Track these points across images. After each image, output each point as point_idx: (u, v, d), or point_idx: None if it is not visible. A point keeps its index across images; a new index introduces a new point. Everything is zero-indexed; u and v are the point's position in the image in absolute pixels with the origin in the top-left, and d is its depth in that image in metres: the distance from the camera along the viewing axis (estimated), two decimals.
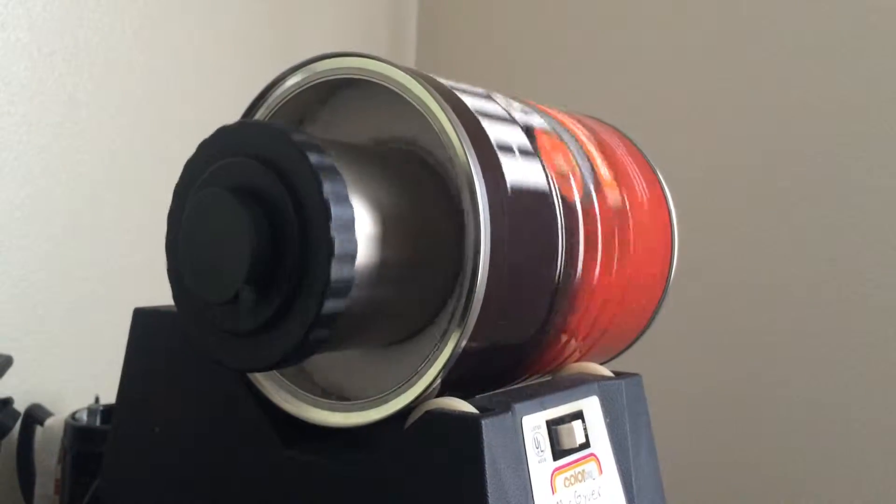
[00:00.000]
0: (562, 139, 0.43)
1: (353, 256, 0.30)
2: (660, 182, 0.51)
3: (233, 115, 0.37)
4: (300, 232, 0.30)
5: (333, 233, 0.29)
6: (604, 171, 0.44)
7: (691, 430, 0.92)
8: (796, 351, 0.89)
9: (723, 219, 0.93)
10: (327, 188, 0.30)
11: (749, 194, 0.92)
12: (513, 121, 0.40)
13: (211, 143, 0.33)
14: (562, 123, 0.44)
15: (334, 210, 0.30)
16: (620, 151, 0.49)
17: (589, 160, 0.44)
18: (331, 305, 0.30)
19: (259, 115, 0.38)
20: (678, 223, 0.51)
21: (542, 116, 0.43)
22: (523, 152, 0.38)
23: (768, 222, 0.91)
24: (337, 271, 0.30)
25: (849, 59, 0.87)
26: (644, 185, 0.49)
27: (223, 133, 0.32)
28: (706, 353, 0.93)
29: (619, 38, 1.01)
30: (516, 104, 0.42)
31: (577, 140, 0.44)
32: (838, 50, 0.87)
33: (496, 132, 0.37)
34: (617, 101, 0.95)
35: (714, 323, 0.93)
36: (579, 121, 0.48)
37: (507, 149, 0.37)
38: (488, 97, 0.40)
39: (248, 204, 0.30)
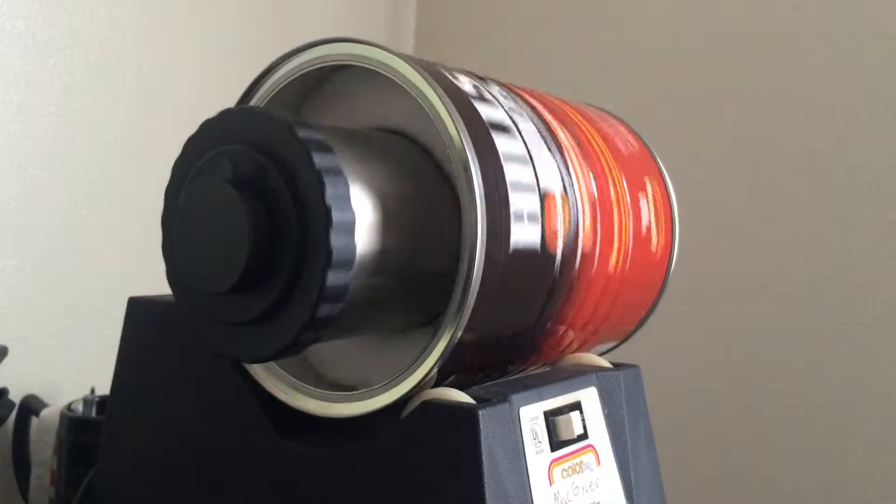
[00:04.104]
0: (573, 147, 0.42)
1: (350, 263, 0.30)
2: (661, 173, 0.51)
3: (231, 105, 0.37)
4: (299, 231, 0.30)
5: (333, 240, 0.29)
6: (605, 161, 0.44)
7: (689, 422, 0.92)
8: (795, 343, 0.88)
9: (723, 211, 0.92)
10: (330, 192, 0.29)
11: (749, 188, 0.91)
12: (512, 111, 0.39)
13: (214, 124, 0.32)
14: (565, 117, 0.44)
15: (335, 216, 0.29)
16: (623, 143, 0.49)
17: (599, 169, 0.43)
18: (325, 310, 0.30)
19: (255, 100, 0.38)
20: (679, 214, 0.51)
21: (544, 108, 0.43)
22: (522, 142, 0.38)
23: (769, 216, 0.90)
24: (333, 279, 0.29)
25: (851, 59, 0.86)
26: (646, 176, 0.48)
27: (228, 116, 0.32)
28: (705, 344, 0.93)
29: (621, 28, 1.01)
30: (517, 95, 0.42)
31: (579, 131, 0.44)
32: (842, 48, 0.87)
33: (494, 119, 0.37)
34: (618, 93, 0.94)
35: (713, 314, 0.93)
36: (582, 112, 0.47)
37: (505, 137, 0.37)
38: (486, 83, 0.40)
39: (249, 196, 0.30)
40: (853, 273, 0.86)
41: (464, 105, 0.35)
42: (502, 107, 0.39)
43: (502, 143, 0.36)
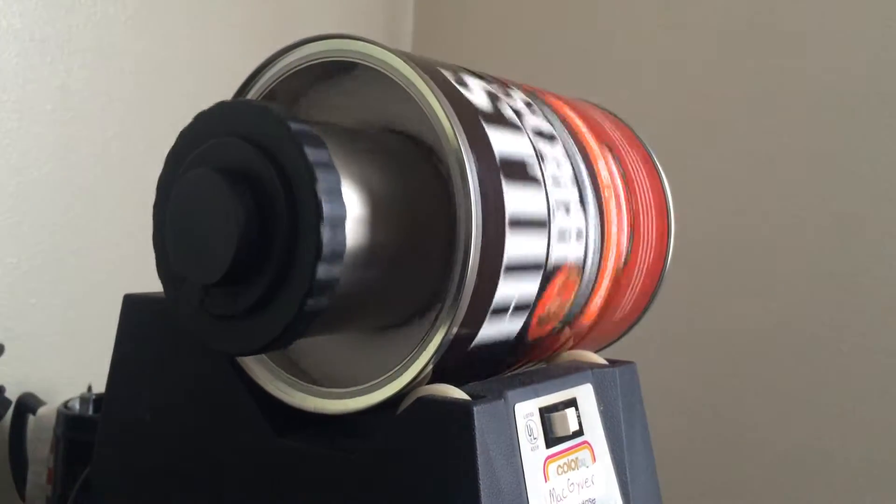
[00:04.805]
0: (561, 132, 0.42)
1: (340, 256, 0.30)
2: (658, 173, 0.51)
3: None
4: (290, 224, 0.30)
5: (323, 233, 0.29)
6: (601, 160, 0.44)
7: (686, 418, 0.92)
8: (790, 341, 0.88)
9: (720, 210, 0.92)
10: (321, 185, 0.29)
11: (747, 186, 0.91)
12: (511, 107, 0.39)
13: (208, 117, 0.32)
14: (564, 116, 0.44)
15: (326, 209, 0.29)
16: (620, 142, 0.48)
17: (588, 152, 0.43)
18: (313, 304, 0.30)
19: (250, 96, 0.38)
20: (675, 213, 0.51)
21: (540, 106, 0.43)
22: (518, 137, 0.38)
23: (766, 214, 0.90)
24: (322, 271, 0.29)
25: (851, 56, 0.86)
26: (643, 176, 0.48)
27: (221, 109, 0.32)
28: (701, 341, 0.93)
29: (621, 28, 1.00)
30: (513, 90, 0.42)
31: (576, 133, 0.44)
32: (841, 45, 0.87)
33: (490, 118, 0.37)
34: (618, 93, 0.94)
35: (709, 311, 0.93)
36: (579, 109, 0.47)
37: (500, 134, 0.37)
38: (487, 83, 0.40)
39: (239, 188, 0.30)
40: (852, 271, 0.86)
41: (457, 100, 0.35)
42: (502, 101, 0.39)
43: (497, 137, 0.36)
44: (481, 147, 0.35)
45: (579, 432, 0.39)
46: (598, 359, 0.44)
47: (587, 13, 1.02)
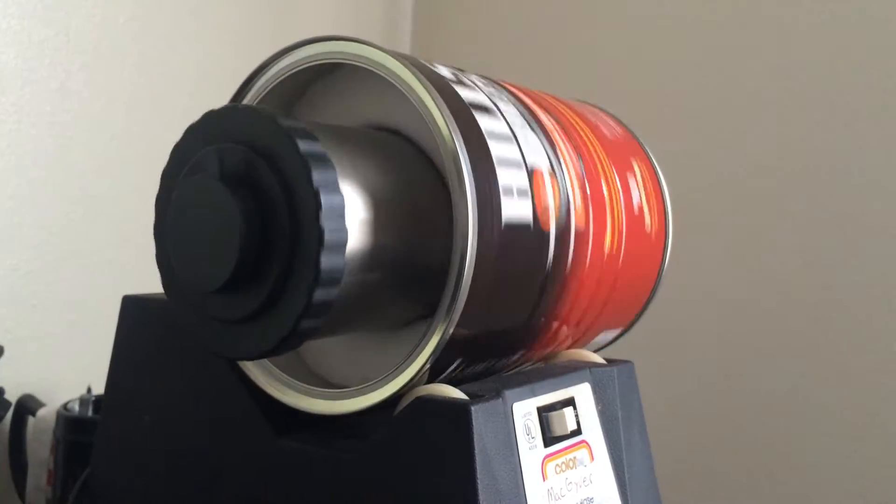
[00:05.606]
0: (557, 130, 0.42)
1: (343, 246, 0.30)
2: (655, 171, 0.51)
3: (226, 103, 0.37)
4: (290, 220, 0.30)
5: (323, 222, 0.29)
6: (599, 160, 0.44)
7: (683, 417, 0.92)
8: (787, 341, 0.89)
9: (718, 209, 0.92)
10: (317, 176, 0.29)
11: (745, 185, 0.92)
12: (493, 96, 0.39)
13: (199, 128, 0.32)
14: (546, 103, 0.44)
15: (324, 199, 0.29)
16: (608, 129, 0.49)
17: (585, 150, 0.43)
18: (321, 295, 0.30)
19: (247, 99, 0.38)
20: (672, 213, 0.51)
21: (525, 96, 0.43)
22: (514, 140, 0.38)
23: (763, 213, 0.90)
24: (327, 261, 0.29)
25: (852, 57, 0.86)
26: (640, 174, 0.49)
27: (211, 118, 0.32)
28: (698, 340, 0.93)
29: (621, 28, 1.01)
30: (509, 91, 0.42)
31: (573, 130, 0.44)
32: (842, 46, 0.87)
33: (487, 119, 0.37)
34: (617, 93, 0.94)
35: (707, 311, 0.93)
36: (575, 109, 0.47)
37: (497, 136, 0.37)
38: (481, 82, 0.40)
39: (238, 191, 0.30)
40: (850, 269, 0.86)
41: (452, 98, 0.35)
42: (483, 93, 0.39)
43: (497, 145, 0.36)
44: (479, 152, 0.35)
45: (577, 431, 0.39)
46: (596, 358, 0.45)
47: (587, 13, 1.03)
